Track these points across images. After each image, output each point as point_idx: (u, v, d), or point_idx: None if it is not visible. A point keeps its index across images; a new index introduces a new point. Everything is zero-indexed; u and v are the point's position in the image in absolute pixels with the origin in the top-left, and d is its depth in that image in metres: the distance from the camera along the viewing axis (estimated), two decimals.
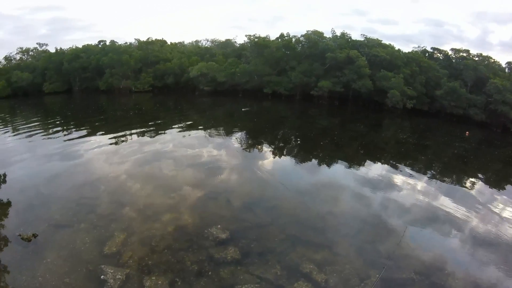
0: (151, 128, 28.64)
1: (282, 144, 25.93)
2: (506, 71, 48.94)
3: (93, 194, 13.35)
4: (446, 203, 14.98)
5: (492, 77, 42.29)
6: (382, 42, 52.70)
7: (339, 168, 19.63)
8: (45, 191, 13.61)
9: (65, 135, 24.98)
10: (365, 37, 53.30)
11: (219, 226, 10.72)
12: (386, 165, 20.99)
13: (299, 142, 27.13)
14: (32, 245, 9.36)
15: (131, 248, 9.36)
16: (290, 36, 56.22)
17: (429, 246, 10.92)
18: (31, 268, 8.36)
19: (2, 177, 14.83)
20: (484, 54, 48.39)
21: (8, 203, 12.24)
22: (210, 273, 8.49)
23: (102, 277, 7.95)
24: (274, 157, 20.92)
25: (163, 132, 26.85)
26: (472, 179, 20.22)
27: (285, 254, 9.56)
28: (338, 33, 55.16)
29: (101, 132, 25.91)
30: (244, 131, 29.15)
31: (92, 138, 23.82)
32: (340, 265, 9.18)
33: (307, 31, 53.73)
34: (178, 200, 13.09)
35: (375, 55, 48.28)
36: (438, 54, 52.94)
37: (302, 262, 9.15)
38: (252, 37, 55.09)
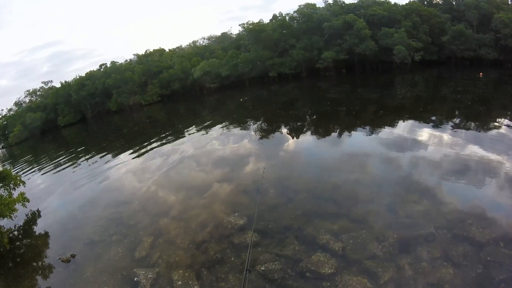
0: (168, 136, 29.45)
1: (296, 124, 25.74)
2: (510, 2, 45.99)
3: (121, 208, 14.19)
4: (463, 151, 14.43)
5: (496, 12, 40.10)
6: None
7: (357, 137, 19.28)
8: (78, 215, 14.67)
9: (88, 160, 26.32)
10: None
11: (236, 214, 11.25)
12: (405, 124, 20.39)
13: (314, 118, 27.04)
14: (72, 265, 10.31)
15: (159, 249, 10.08)
16: (284, 15, 55.60)
17: (448, 198, 10.43)
18: (73, 284, 9.24)
19: (37, 213, 16.11)
20: None
21: (46, 234, 13.39)
22: (232, 258, 9.03)
23: (135, 279, 8.68)
24: (290, 139, 21.04)
25: (180, 136, 27.62)
26: (494, 122, 18.81)
27: (302, 229, 9.85)
28: (331, 1, 53.96)
29: (121, 151, 27.07)
30: (257, 119, 29.51)
31: (114, 158, 25.01)
32: (357, 231, 9.25)
33: (299, 5, 52.99)
34: (196, 198, 13.70)
35: (372, 15, 46.99)
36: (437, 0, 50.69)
37: (319, 234, 9.38)
38: (246, 25, 54.92)
